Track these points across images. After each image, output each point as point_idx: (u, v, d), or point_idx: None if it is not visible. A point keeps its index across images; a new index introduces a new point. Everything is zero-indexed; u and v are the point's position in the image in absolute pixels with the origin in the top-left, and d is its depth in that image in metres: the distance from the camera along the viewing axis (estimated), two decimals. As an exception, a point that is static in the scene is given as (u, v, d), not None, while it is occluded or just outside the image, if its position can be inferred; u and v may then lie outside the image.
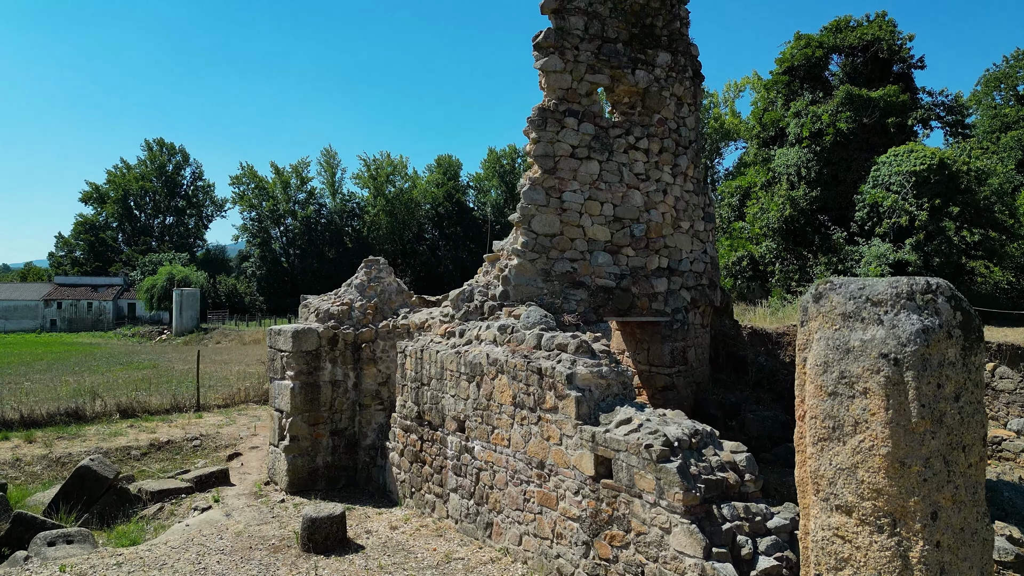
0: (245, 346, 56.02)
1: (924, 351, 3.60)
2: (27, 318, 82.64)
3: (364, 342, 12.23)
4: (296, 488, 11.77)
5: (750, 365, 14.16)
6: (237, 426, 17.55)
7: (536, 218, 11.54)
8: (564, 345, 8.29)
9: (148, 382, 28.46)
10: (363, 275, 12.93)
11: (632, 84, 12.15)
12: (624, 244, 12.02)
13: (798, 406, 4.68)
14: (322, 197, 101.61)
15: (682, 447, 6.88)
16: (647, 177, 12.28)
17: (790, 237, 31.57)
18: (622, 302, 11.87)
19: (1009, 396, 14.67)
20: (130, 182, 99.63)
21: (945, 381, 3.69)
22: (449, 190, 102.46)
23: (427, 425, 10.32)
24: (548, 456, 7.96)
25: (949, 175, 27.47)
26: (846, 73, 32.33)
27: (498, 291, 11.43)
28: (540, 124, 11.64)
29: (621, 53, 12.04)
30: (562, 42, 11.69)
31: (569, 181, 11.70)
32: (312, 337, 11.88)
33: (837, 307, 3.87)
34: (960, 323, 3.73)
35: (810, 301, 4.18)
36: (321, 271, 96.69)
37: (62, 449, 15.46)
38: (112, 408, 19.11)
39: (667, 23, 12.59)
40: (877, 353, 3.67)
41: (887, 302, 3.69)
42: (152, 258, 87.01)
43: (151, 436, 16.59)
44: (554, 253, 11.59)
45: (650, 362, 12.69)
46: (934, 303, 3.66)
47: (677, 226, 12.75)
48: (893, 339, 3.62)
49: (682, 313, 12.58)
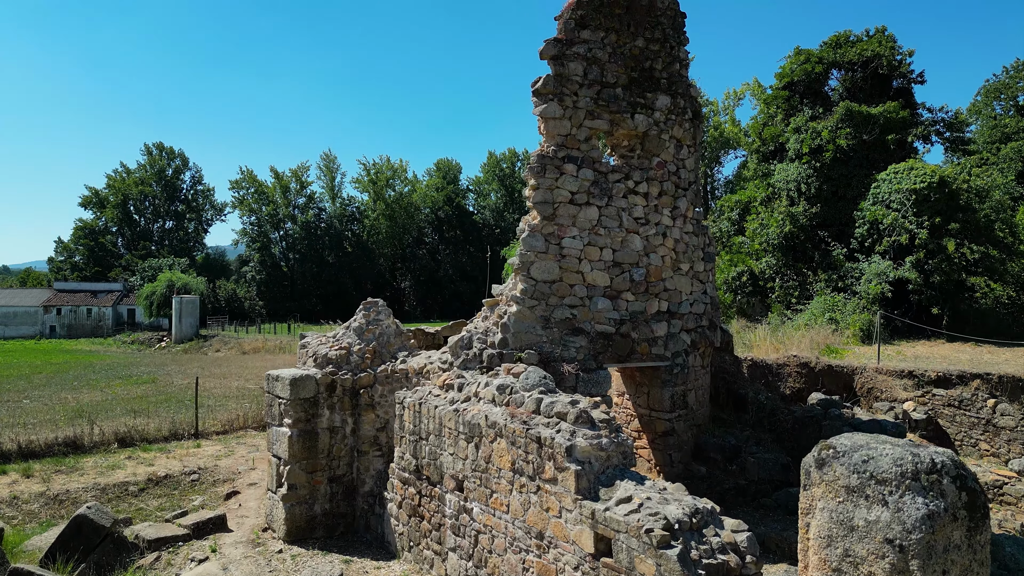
0: (244, 356, 55.98)
1: (929, 538, 3.54)
2: (26, 324, 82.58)
3: (362, 387, 12.17)
4: (294, 537, 11.71)
5: (750, 403, 14.11)
6: (235, 458, 17.48)
7: (535, 264, 11.48)
8: (563, 414, 8.23)
9: (146, 400, 28.41)
10: (361, 317, 12.86)
11: (631, 128, 12.10)
12: (624, 289, 11.96)
13: (801, 571, 4.58)
14: (322, 201, 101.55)
15: (683, 529, 6.82)
16: (646, 221, 12.22)
17: (790, 253, 31.52)
18: (622, 348, 11.81)
19: (1010, 433, 14.63)
20: (130, 186, 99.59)
21: (950, 566, 3.62)
22: (449, 194, 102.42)
23: (425, 480, 10.26)
24: (548, 527, 7.90)
25: (949, 193, 27.41)
26: (846, 88, 32.26)
27: (497, 338, 11.36)
28: (539, 171, 11.58)
29: (620, 98, 11.97)
30: (561, 88, 11.62)
31: (568, 227, 11.64)
32: (310, 384, 11.82)
33: (840, 478, 3.81)
34: (966, 503, 3.66)
35: (812, 465, 4.11)
36: (321, 275, 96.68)
37: (60, 485, 15.39)
38: (110, 437, 19.02)
39: (666, 65, 12.52)
40: (882, 538, 3.61)
41: (892, 481, 3.62)
42: (152, 263, 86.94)
43: (149, 469, 16.52)
44: (553, 299, 11.54)
45: (650, 406, 12.63)
46: (939, 484, 3.59)
47: (677, 268, 12.69)
48: (898, 524, 3.56)
49: (682, 356, 12.53)
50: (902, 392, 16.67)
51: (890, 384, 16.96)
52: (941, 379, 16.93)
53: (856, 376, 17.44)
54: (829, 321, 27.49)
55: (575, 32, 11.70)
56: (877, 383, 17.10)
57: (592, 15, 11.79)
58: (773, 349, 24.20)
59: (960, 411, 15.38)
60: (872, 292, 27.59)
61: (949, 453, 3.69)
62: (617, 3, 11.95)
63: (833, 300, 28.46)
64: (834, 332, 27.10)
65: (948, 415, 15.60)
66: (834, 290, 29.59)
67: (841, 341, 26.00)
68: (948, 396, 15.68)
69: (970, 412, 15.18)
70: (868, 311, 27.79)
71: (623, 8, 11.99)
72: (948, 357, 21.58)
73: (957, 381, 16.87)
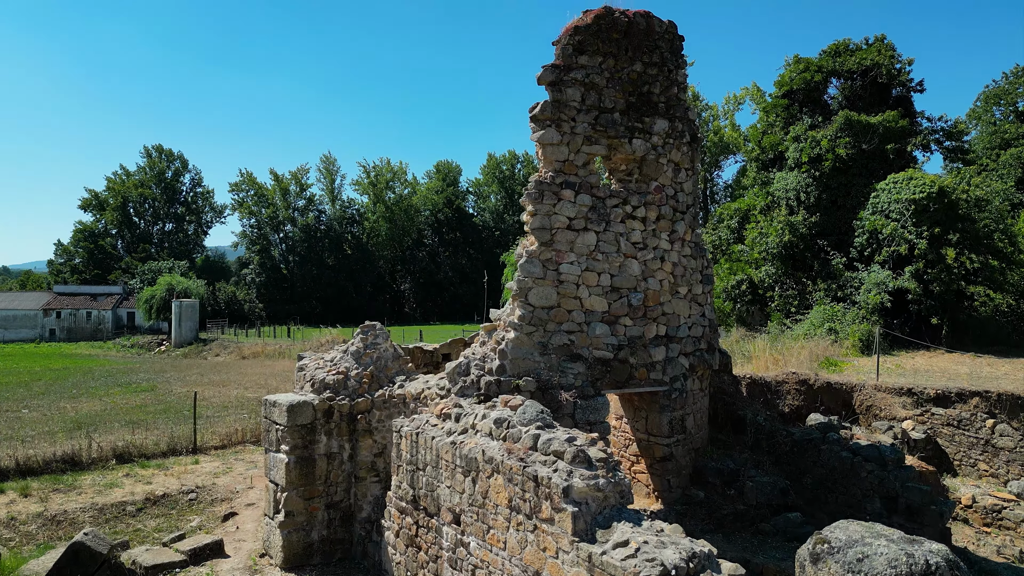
0: (244, 361, 55.99)
1: (924, 644, 3.53)
2: (26, 327, 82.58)
3: (360, 413, 12.15)
4: (291, 564, 11.69)
5: (749, 425, 14.08)
6: (233, 475, 17.47)
7: (533, 291, 11.46)
8: (560, 452, 8.20)
9: (145, 411, 28.40)
10: (359, 341, 12.84)
11: (629, 153, 12.06)
12: (622, 313, 11.93)
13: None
14: (321, 204, 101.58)
15: (680, 574, 6.79)
16: (644, 245, 12.18)
17: (789, 262, 31.50)
18: (620, 374, 11.79)
19: (1009, 454, 14.61)
20: (129, 189, 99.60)
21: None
22: (449, 196, 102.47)
23: (423, 511, 10.24)
24: (544, 567, 7.88)
25: (948, 203, 27.39)
26: (845, 96, 32.24)
27: (495, 365, 11.34)
28: (537, 197, 11.55)
29: (618, 123, 11.93)
30: (559, 114, 11.59)
31: (566, 253, 11.61)
32: (307, 411, 11.79)
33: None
34: (961, 607, 3.65)
35: (807, 560, 4.10)
36: (321, 278, 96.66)
37: (58, 505, 15.37)
38: (108, 452, 19.00)
39: (664, 89, 12.49)
40: (876, 643, 3.60)
41: (886, 584, 3.61)
42: (151, 266, 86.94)
43: (147, 488, 16.50)
44: (551, 325, 11.51)
45: (648, 431, 12.60)
46: (934, 588, 3.58)
47: (675, 292, 12.66)
48: (892, 629, 3.55)
49: (680, 381, 12.50)
50: (901, 410, 16.65)
51: (889, 402, 16.94)
52: (940, 397, 16.91)
53: (855, 393, 17.42)
54: (828, 332, 27.46)
55: (573, 58, 11.67)
56: (876, 401, 17.08)
57: (590, 40, 11.75)
58: (772, 361, 24.19)
59: (959, 431, 15.36)
60: (871, 302, 27.57)
61: (944, 552, 3.67)
62: (615, 28, 11.91)
63: (832, 310, 28.44)
64: (833, 343, 27.07)
65: (947, 434, 15.57)
66: (833, 300, 29.57)
67: (840, 353, 25.98)
68: (947, 415, 15.65)
69: (969, 432, 15.16)
70: (867, 321, 27.77)
71: (621, 33, 11.95)
72: (947, 371, 21.57)
73: (956, 399, 16.85)
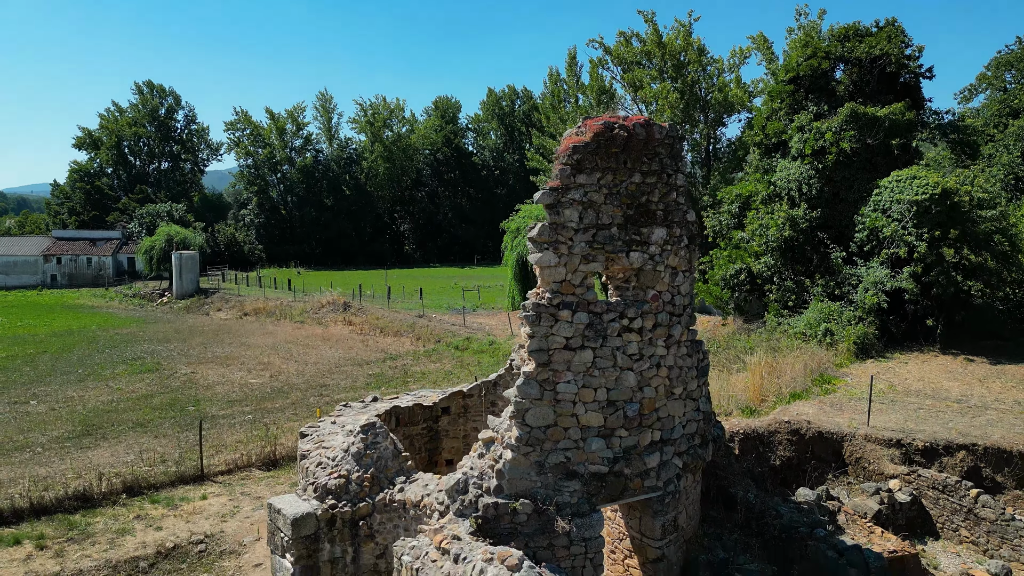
0: (246, 319, 56.52)
1: None
2: (27, 273, 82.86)
3: (361, 518, 12.54)
4: (300, 665, 12.30)
5: (740, 503, 14.51)
6: (240, 519, 18.05)
7: (530, 411, 11.66)
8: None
9: (150, 406, 29.05)
10: (360, 442, 13.11)
11: (627, 265, 12.04)
12: (617, 426, 12.14)
13: None
14: (319, 143, 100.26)
15: None
16: (640, 356, 12.29)
17: (788, 255, 31.46)
18: (615, 488, 12.10)
19: (990, 525, 15.08)
20: (123, 127, 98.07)
21: None
22: (447, 135, 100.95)
23: (424, 643, 10.73)
24: None
25: (951, 205, 27.21)
26: (852, 82, 31.51)
27: (492, 484, 11.66)
28: (535, 320, 11.61)
29: (616, 237, 11.87)
30: (556, 236, 11.53)
31: (563, 372, 11.75)
32: (311, 522, 12.18)
33: None
34: None
35: None
36: (320, 219, 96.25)
37: (73, 564, 15.97)
38: (118, 486, 19.63)
39: (663, 196, 12.34)
40: None
41: None
42: (149, 209, 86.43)
43: (157, 536, 17.11)
44: (548, 444, 11.76)
45: (641, 531, 13.01)
46: None
47: (670, 394, 12.84)
48: None
49: (674, 483, 12.82)
50: (889, 464, 17.08)
51: (878, 454, 17.37)
52: (928, 449, 17.34)
53: (845, 443, 17.83)
54: (825, 334, 27.71)
55: (571, 178, 11.52)
56: (865, 452, 17.50)
57: (589, 158, 11.58)
58: (768, 367, 24.56)
59: (944, 495, 15.81)
60: (868, 302, 27.72)
61: None
62: (614, 142, 11.70)
63: (829, 309, 28.61)
64: (829, 347, 27.36)
65: (932, 497, 16.04)
66: (831, 297, 29.70)
67: (835, 360, 26.29)
68: (933, 478, 16.08)
69: (953, 499, 15.61)
70: (864, 322, 27.99)
71: (620, 147, 11.74)
72: (938, 391, 21.96)
73: (943, 452, 17.29)
